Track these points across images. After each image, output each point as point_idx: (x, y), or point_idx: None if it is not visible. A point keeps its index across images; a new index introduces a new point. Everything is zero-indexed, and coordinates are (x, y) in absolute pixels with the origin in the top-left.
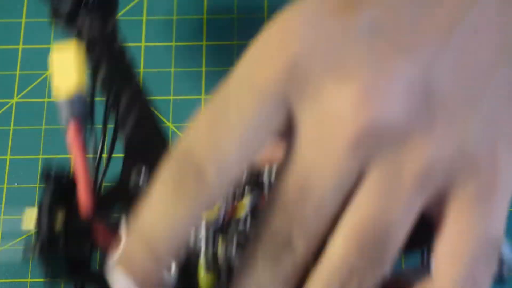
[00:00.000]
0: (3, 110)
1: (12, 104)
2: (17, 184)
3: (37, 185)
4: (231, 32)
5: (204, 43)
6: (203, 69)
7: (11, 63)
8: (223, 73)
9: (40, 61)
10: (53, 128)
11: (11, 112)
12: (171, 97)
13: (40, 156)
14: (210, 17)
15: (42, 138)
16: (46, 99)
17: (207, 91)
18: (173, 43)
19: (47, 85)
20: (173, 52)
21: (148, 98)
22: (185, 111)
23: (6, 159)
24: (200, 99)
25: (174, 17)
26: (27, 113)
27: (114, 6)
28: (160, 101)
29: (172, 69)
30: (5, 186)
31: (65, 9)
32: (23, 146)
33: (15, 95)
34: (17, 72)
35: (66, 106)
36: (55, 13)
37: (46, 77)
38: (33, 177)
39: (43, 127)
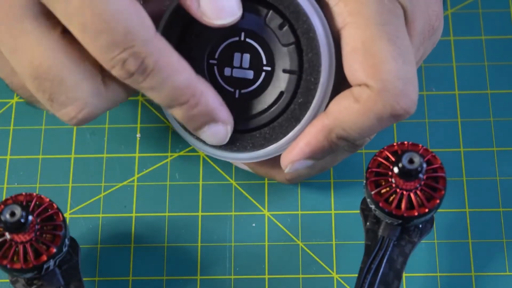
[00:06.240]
0: (3, 110)
1: (12, 104)
2: (17, 184)
3: (37, 185)
4: None
5: None
6: None
7: None
8: None
9: None
10: (53, 128)
11: (11, 112)
12: None
13: (40, 156)
14: None
15: (42, 138)
16: None
17: None
18: None
19: None
20: None
21: None
22: None
23: (6, 159)
24: None
25: None
26: (27, 113)
27: None
28: None
29: None
30: (5, 186)
31: None
32: (23, 146)
33: (15, 95)
34: None
35: None
36: None
37: None
38: (33, 177)
39: (43, 127)
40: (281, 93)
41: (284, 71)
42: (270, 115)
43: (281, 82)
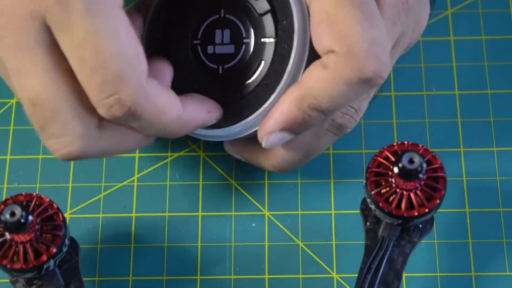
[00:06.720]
0: (3, 110)
1: (12, 104)
2: (17, 184)
3: (37, 185)
4: None
5: None
6: None
7: None
8: None
9: None
10: None
11: (11, 112)
12: None
13: (40, 156)
14: None
15: None
16: None
17: None
18: None
19: None
20: None
21: None
22: None
23: (6, 159)
24: None
25: None
26: None
27: None
28: None
29: None
30: (5, 186)
31: None
32: (23, 146)
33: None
34: None
35: None
36: None
37: None
38: (33, 177)
39: None
40: (261, 63)
41: (263, 40)
42: (251, 86)
43: (260, 52)
